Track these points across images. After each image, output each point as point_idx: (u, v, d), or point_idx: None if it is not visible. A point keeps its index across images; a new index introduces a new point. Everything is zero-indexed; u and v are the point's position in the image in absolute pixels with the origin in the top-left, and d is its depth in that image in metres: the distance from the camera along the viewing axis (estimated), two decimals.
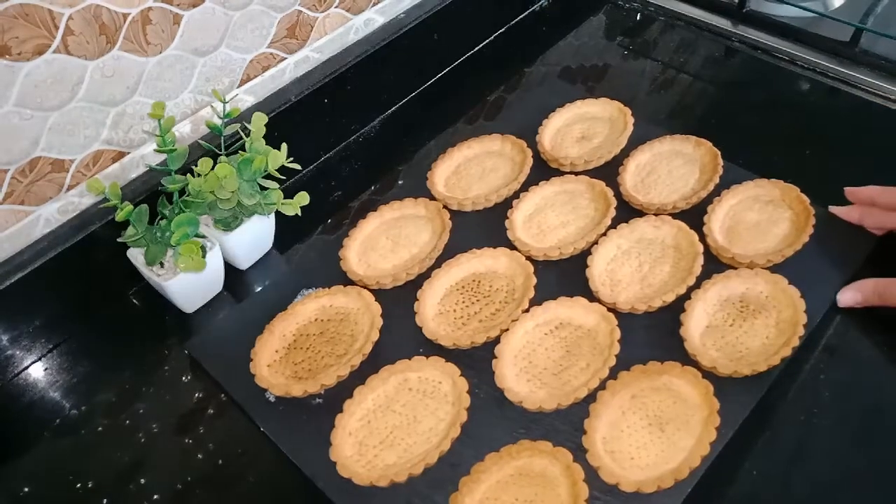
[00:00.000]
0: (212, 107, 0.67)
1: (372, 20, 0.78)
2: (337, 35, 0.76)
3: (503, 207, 0.68)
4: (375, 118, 0.82)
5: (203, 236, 0.61)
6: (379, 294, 0.62)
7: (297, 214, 0.62)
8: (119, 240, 0.59)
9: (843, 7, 0.86)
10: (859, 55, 0.80)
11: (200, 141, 0.64)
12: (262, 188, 0.61)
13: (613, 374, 0.55)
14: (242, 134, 0.62)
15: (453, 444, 0.52)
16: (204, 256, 0.59)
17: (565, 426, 0.53)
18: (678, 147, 0.72)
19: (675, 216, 0.65)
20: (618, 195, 0.68)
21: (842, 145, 0.74)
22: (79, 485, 0.54)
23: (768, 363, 0.54)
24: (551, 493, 0.49)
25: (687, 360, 0.55)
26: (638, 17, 0.92)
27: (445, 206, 0.69)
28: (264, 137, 0.62)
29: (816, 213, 0.63)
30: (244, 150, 0.61)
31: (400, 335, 0.60)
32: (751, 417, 0.53)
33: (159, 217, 0.60)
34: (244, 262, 0.67)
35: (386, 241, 0.67)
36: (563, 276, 0.63)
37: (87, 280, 0.63)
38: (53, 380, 0.61)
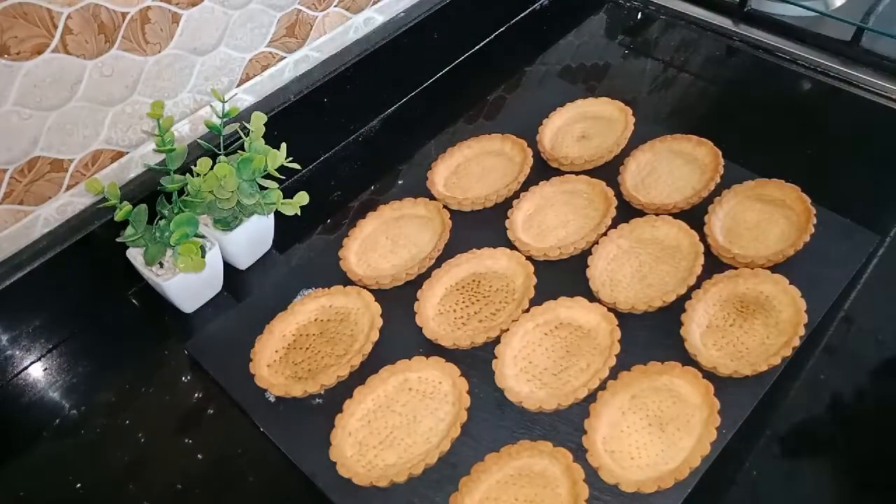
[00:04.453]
0: (211, 106, 0.67)
1: (371, 19, 0.78)
2: (336, 34, 0.75)
3: (503, 207, 0.68)
4: (375, 118, 0.82)
5: (202, 236, 0.61)
6: (379, 294, 0.62)
7: (296, 214, 0.61)
8: (118, 240, 0.59)
9: (845, 6, 0.86)
10: (861, 54, 0.80)
11: (199, 140, 0.64)
12: (262, 188, 0.61)
13: (613, 374, 0.55)
14: (242, 133, 0.62)
15: (453, 444, 0.52)
16: (203, 256, 0.59)
17: (565, 426, 0.53)
18: (679, 147, 0.71)
19: (675, 216, 0.65)
20: (618, 195, 0.67)
21: (843, 145, 0.74)
22: (79, 485, 0.54)
23: (769, 363, 0.54)
24: (551, 493, 0.49)
25: (687, 360, 0.55)
26: (639, 16, 0.92)
27: (445, 206, 0.69)
28: (263, 137, 0.61)
29: (817, 212, 0.63)
30: (243, 149, 0.61)
31: (400, 335, 0.60)
32: (751, 417, 0.53)
33: (158, 217, 0.60)
34: (244, 262, 0.67)
35: (386, 241, 0.67)
36: (563, 276, 0.62)
37: (86, 280, 0.63)
38: (53, 380, 0.60)
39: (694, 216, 0.64)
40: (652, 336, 0.58)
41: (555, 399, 0.53)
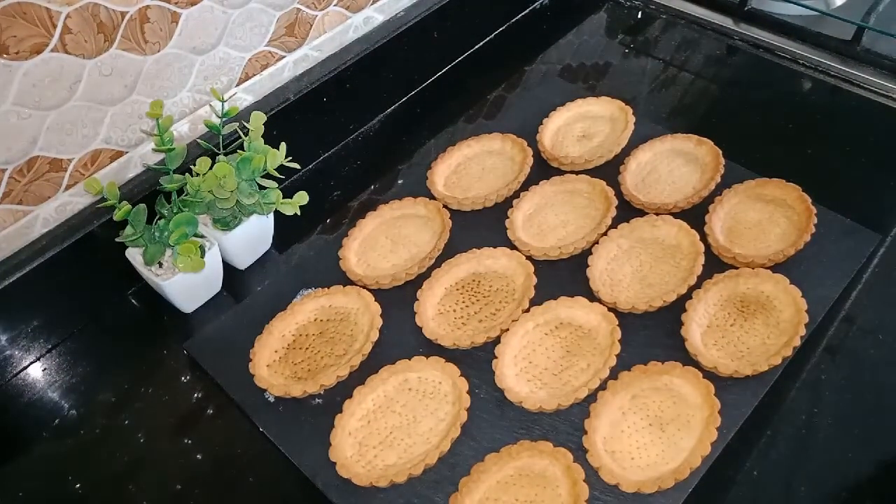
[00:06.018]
0: (210, 106, 0.67)
1: (371, 18, 0.78)
2: (336, 33, 0.75)
3: (503, 207, 0.68)
4: (375, 117, 0.81)
5: (202, 236, 0.61)
6: (378, 294, 0.62)
7: (296, 214, 0.61)
8: (117, 239, 0.59)
9: (845, 5, 0.86)
10: (861, 54, 0.80)
11: (199, 140, 0.64)
12: (261, 187, 0.61)
13: (614, 374, 0.54)
14: (241, 133, 0.62)
15: (453, 445, 0.52)
16: (203, 256, 0.59)
17: (566, 426, 0.53)
18: (679, 146, 0.71)
19: (675, 215, 0.65)
20: (618, 194, 0.67)
21: (843, 144, 0.74)
22: (78, 485, 0.54)
23: (769, 363, 0.54)
24: (551, 494, 0.49)
25: (688, 359, 0.55)
26: (639, 16, 0.92)
27: (445, 206, 0.69)
28: (263, 136, 0.61)
29: (818, 212, 0.63)
30: (243, 149, 0.61)
31: (400, 335, 0.60)
32: (752, 417, 0.53)
33: (158, 217, 0.60)
34: (243, 261, 0.67)
35: (385, 240, 0.67)
36: (563, 276, 0.62)
37: (85, 280, 0.63)
38: (52, 380, 0.60)
39: (694, 216, 0.64)
40: (652, 336, 0.58)
41: (555, 399, 0.53)
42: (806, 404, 0.55)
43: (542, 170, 0.72)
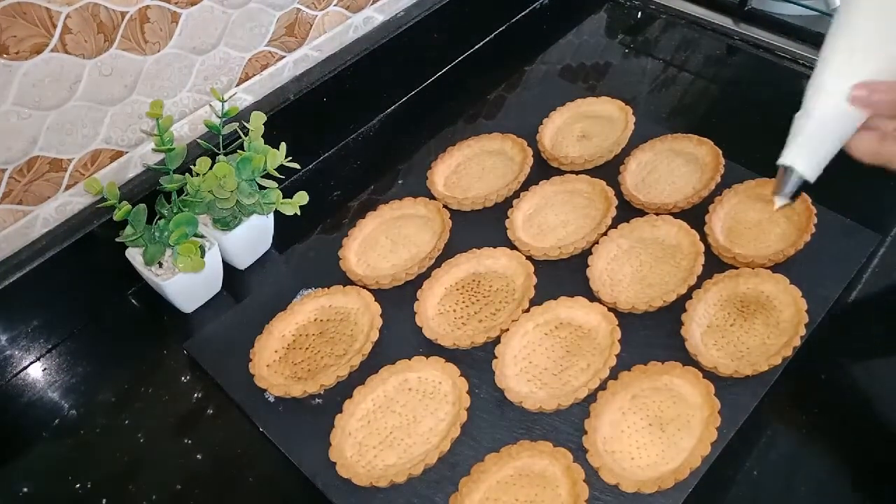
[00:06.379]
0: (210, 106, 0.67)
1: (371, 18, 0.78)
2: (336, 33, 0.75)
3: (503, 207, 0.68)
4: (375, 117, 0.81)
5: (202, 236, 0.61)
6: (378, 294, 0.62)
7: (296, 214, 0.61)
8: (117, 239, 0.59)
9: None
10: None
11: (199, 140, 0.64)
12: (261, 187, 0.61)
13: (614, 374, 0.54)
14: (241, 133, 0.62)
15: (453, 445, 0.52)
16: (203, 256, 0.59)
17: (565, 426, 0.53)
18: (679, 146, 0.71)
19: (675, 215, 0.65)
20: (618, 194, 0.67)
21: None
22: (78, 485, 0.54)
23: (769, 363, 0.54)
24: (551, 494, 0.49)
25: (688, 359, 0.55)
26: (639, 16, 0.92)
27: (445, 206, 0.68)
28: (263, 136, 0.61)
29: (818, 212, 0.63)
30: (243, 149, 0.61)
31: (400, 335, 0.60)
32: (752, 417, 0.53)
33: (158, 217, 0.60)
34: (243, 261, 0.67)
35: (385, 240, 0.67)
36: (563, 276, 0.62)
37: (85, 280, 0.63)
38: (52, 380, 0.60)
39: (694, 216, 0.64)
40: (652, 336, 0.58)
41: (555, 399, 0.53)
42: (806, 404, 0.54)
43: (542, 170, 0.72)
